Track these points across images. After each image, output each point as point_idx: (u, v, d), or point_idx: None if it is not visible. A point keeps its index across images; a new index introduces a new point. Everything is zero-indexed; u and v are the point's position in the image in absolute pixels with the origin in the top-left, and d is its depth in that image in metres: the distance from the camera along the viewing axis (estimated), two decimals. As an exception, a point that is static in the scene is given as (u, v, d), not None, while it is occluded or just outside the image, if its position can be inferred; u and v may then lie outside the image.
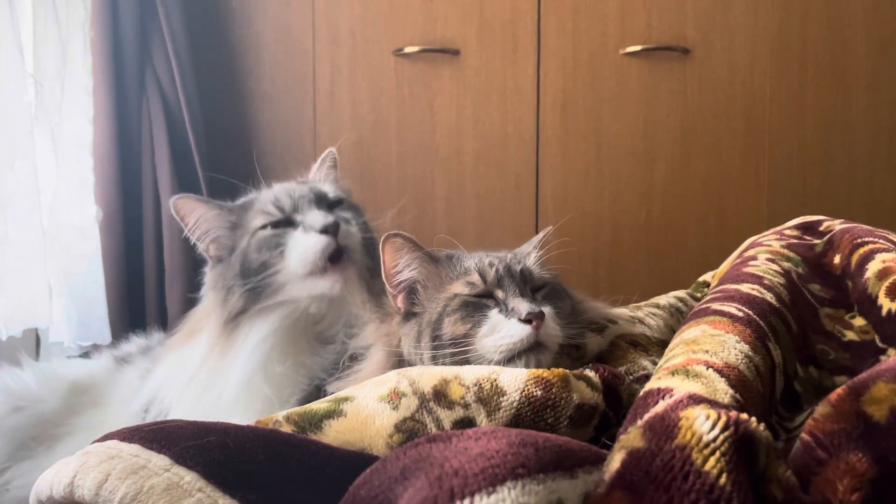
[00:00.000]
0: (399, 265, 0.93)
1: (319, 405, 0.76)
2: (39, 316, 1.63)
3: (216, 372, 1.06)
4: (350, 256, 1.09)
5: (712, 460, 0.47)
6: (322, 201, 1.15)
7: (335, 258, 1.07)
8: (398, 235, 0.91)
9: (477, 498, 0.42)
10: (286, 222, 1.11)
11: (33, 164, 1.59)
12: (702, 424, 0.50)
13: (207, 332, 1.10)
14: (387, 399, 0.74)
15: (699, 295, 1.24)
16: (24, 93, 1.59)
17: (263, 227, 1.11)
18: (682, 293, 1.23)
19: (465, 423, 0.72)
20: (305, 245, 1.06)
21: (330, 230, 1.06)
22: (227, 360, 1.05)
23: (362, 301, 1.00)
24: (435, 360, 0.86)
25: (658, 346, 0.96)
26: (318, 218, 1.08)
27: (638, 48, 2.05)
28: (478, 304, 0.87)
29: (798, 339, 0.91)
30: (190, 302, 1.74)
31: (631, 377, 0.83)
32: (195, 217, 1.15)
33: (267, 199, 1.15)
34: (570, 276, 1.05)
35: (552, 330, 0.84)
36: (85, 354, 1.65)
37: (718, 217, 2.09)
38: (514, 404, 0.72)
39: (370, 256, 1.13)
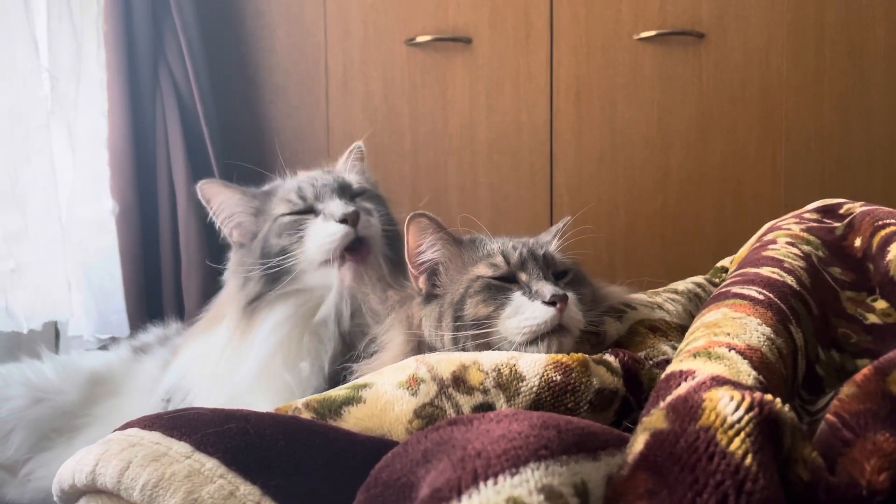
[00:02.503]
0: (423, 246, 0.93)
1: (338, 392, 0.76)
2: (59, 309, 1.64)
3: (236, 356, 1.06)
4: (369, 247, 1.08)
5: (737, 441, 0.46)
6: (345, 191, 1.15)
7: (354, 248, 1.07)
8: (423, 215, 0.91)
9: (501, 478, 0.42)
10: (307, 210, 1.11)
11: (50, 159, 1.60)
12: (726, 405, 0.49)
13: (228, 318, 1.11)
14: (405, 385, 0.74)
15: (717, 280, 1.23)
16: (39, 87, 1.60)
17: (285, 214, 1.11)
18: (700, 279, 1.22)
19: (485, 408, 0.71)
20: (324, 233, 1.06)
21: (349, 220, 1.05)
22: (245, 345, 1.06)
23: (379, 293, 1.00)
24: (456, 341, 0.86)
25: (677, 331, 0.95)
26: (338, 207, 1.07)
27: (652, 33, 2.03)
28: (501, 287, 0.86)
29: (819, 322, 0.90)
30: (207, 293, 1.75)
31: (651, 362, 0.82)
32: (219, 201, 1.15)
33: (290, 187, 1.15)
34: (585, 264, 1.04)
35: (575, 314, 0.84)
36: (104, 347, 1.66)
37: (735, 203, 2.07)
38: (534, 389, 0.71)
39: (391, 248, 1.13)
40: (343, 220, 1.05)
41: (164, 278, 1.88)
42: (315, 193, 1.13)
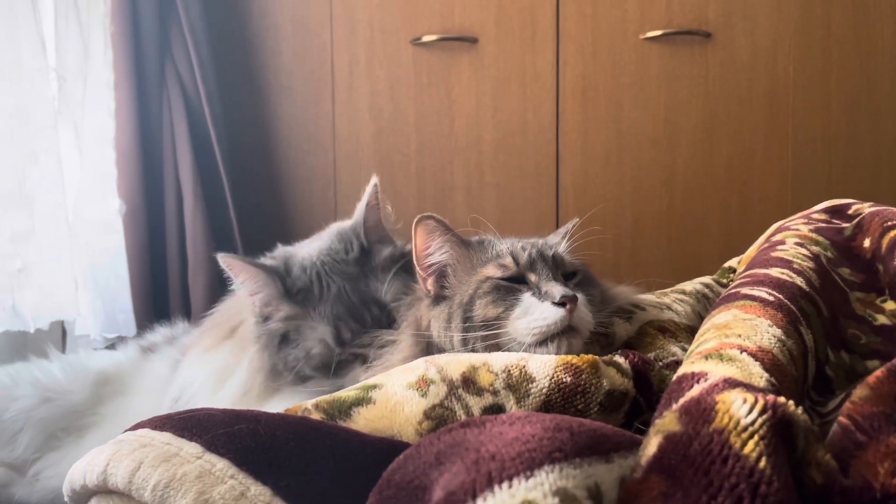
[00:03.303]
0: (431, 248, 0.93)
1: (348, 393, 0.76)
2: (66, 309, 1.65)
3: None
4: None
5: (751, 444, 0.46)
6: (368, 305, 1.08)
7: None
8: (431, 217, 0.91)
9: (515, 482, 0.42)
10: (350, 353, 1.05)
11: (57, 159, 1.61)
12: (739, 408, 0.49)
13: (249, 363, 1.07)
14: (415, 386, 0.74)
15: (725, 281, 1.23)
16: (46, 88, 1.61)
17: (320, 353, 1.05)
18: (708, 279, 1.22)
19: (495, 409, 0.71)
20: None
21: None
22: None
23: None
24: (465, 342, 0.85)
25: (686, 332, 0.95)
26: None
27: (658, 33, 2.02)
28: (510, 288, 0.86)
29: (829, 323, 0.90)
30: (213, 293, 1.75)
31: (660, 363, 0.82)
32: (243, 279, 1.08)
33: (322, 317, 1.06)
34: (592, 264, 1.04)
35: (585, 315, 0.84)
36: (111, 346, 1.67)
37: (742, 204, 2.07)
38: (544, 391, 0.71)
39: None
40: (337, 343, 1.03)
41: (171, 278, 1.88)
42: (354, 340, 1.05)
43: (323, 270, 1.08)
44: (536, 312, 0.82)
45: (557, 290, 0.82)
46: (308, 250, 1.13)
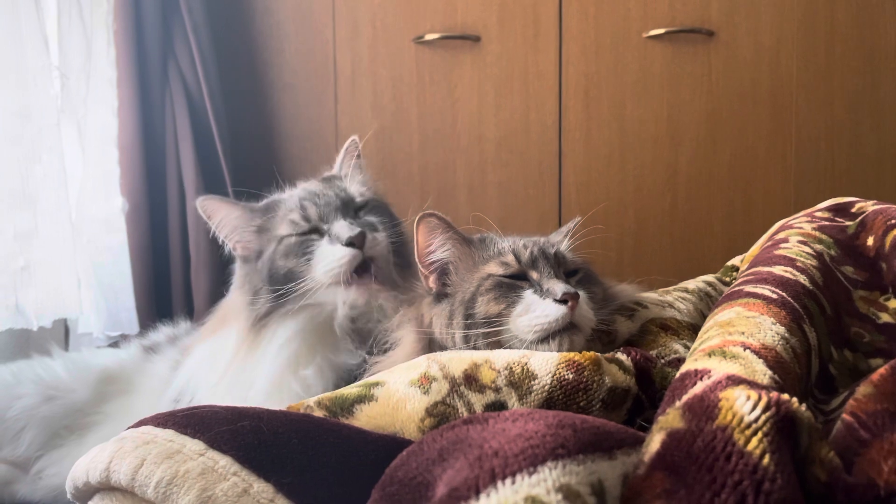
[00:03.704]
0: (433, 245, 0.93)
1: (350, 390, 0.76)
2: (69, 307, 1.65)
3: (244, 370, 1.06)
4: (377, 267, 1.08)
5: (755, 441, 0.46)
6: (348, 207, 1.14)
7: (361, 269, 1.06)
8: (433, 215, 0.91)
9: (518, 478, 0.42)
10: (312, 230, 1.10)
11: (60, 157, 1.61)
12: (742, 405, 0.49)
13: (236, 331, 1.10)
14: (417, 383, 0.74)
15: (728, 279, 1.23)
16: (49, 86, 1.61)
17: (290, 235, 1.10)
18: (710, 277, 1.22)
19: (497, 406, 0.71)
20: (331, 257, 1.05)
21: (356, 242, 1.05)
22: (254, 359, 1.05)
23: (392, 305, 1.00)
24: (467, 339, 0.86)
25: (688, 329, 0.94)
26: (343, 229, 1.07)
27: (661, 31, 2.02)
28: (512, 285, 0.86)
29: (832, 321, 0.90)
30: (216, 291, 1.76)
31: (663, 360, 0.82)
32: (220, 217, 1.15)
33: (292, 205, 1.14)
34: (594, 262, 1.04)
35: (586, 312, 0.84)
36: (114, 344, 1.67)
37: (745, 202, 2.07)
38: (546, 388, 0.71)
39: (398, 255, 1.12)
40: (350, 244, 1.04)
41: (174, 276, 1.88)
42: (319, 214, 1.12)
43: (293, 191, 1.19)
44: (538, 309, 0.82)
45: (559, 287, 0.82)
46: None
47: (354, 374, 1.01)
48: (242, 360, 1.07)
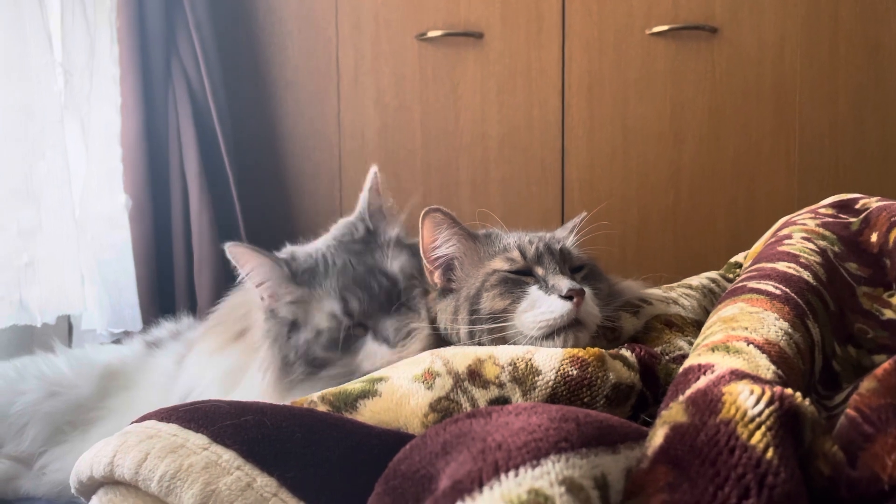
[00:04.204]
0: (438, 241, 0.93)
1: (354, 385, 0.76)
2: (72, 303, 1.65)
3: None
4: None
5: (758, 434, 0.46)
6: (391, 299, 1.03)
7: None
8: (438, 210, 0.91)
9: (522, 470, 0.42)
10: (358, 325, 1.01)
11: (64, 154, 1.61)
12: (746, 399, 0.49)
13: (258, 372, 1.02)
14: (421, 379, 0.74)
15: (731, 276, 1.23)
16: (53, 83, 1.61)
17: (325, 329, 1.00)
18: (714, 274, 1.22)
19: (501, 402, 0.71)
20: (375, 356, 0.98)
21: (389, 341, 0.97)
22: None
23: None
24: (472, 334, 0.85)
25: (693, 326, 0.94)
26: (390, 328, 0.97)
27: (665, 28, 2.02)
28: (517, 281, 0.86)
29: (836, 317, 0.90)
30: (219, 288, 1.76)
31: (667, 357, 0.82)
32: (250, 268, 1.04)
33: (331, 296, 1.02)
34: (598, 259, 1.04)
35: (592, 308, 0.83)
36: (117, 341, 1.67)
37: (748, 199, 2.06)
38: (550, 384, 0.71)
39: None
40: (384, 341, 0.97)
41: (177, 273, 1.89)
42: (363, 310, 1.00)
43: (328, 252, 1.06)
44: (543, 305, 0.82)
45: (564, 283, 0.82)
46: (315, 243, 1.12)
47: None
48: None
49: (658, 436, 0.50)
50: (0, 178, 1.51)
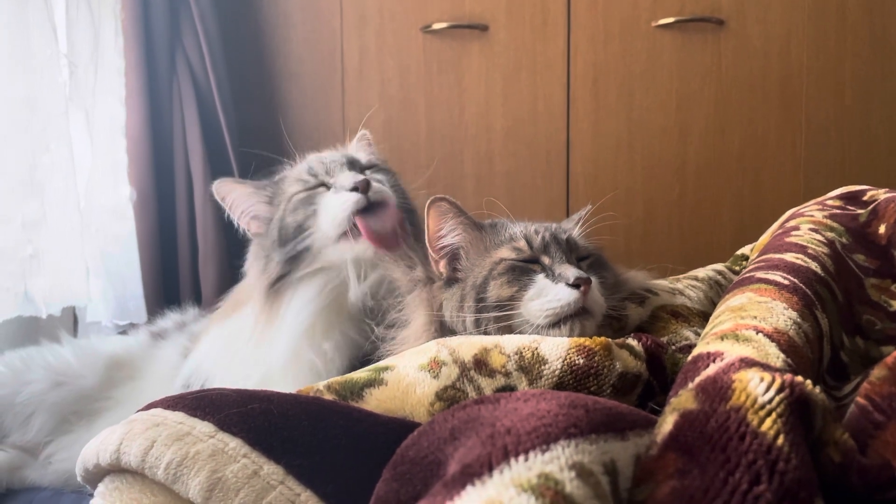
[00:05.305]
0: (443, 230, 0.93)
1: (360, 374, 0.76)
2: (77, 295, 1.65)
3: (263, 341, 1.05)
4: (382, 221, 1.07)
5: (769, 421, 0.46)
6: (354, 165, 1.16)
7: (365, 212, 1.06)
8: (444, 199, 0.91)
9: (531, 455, 0.42)
10: (319, 185, 1.12)
11: (68, 146, 1.61)
12: (756, 386, 0.49)
13: (252, 304, 1.10)
14: (427, 368, 0.74)
15: (737, 268, 1.22)
16: (58, 74, 1.61)
17: (298, 192, 1.12)
18: (720, 266, 1.21)
19: (507, 391, 0.71)
20: (335, 203, 1.06)
21: (360, 187, 1.05)
22: (272, 329, 1.05)
23: (402, 265, 0.98)
24: (478, 323, 0.85)
25: (699, 317, 0.94)
26: (347, 177, 1.08)
27: (671, 20, 2.01)
28: (524, 269, 0.86)
29: (844, 308, 0.89)
30: (224, 279, 1.76)
31: (673, 346, 0.82)
32: (233, 197, 1.16)
33: (301, 168, 1.17)
34: (604, 251, 1.03)
35: (598, 297, 0.83)
36: (122, 333, 1.67)
37: (754, 192, 2.05)
38: (556, 373, 0.71)
39: (407, 221, 1.12)
40: (353, 189, 1.05)
41: (182, 265, 1.88)
42: (325, 169, 1.13)
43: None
44: (550, 294, 0.82)
45: (571, 271, 0.82)
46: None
47: (366, 349, 1.00)
48: (259, 335, 1.06)
49: (667, 423, 0.50)
50: (5, 170, 1.51)
